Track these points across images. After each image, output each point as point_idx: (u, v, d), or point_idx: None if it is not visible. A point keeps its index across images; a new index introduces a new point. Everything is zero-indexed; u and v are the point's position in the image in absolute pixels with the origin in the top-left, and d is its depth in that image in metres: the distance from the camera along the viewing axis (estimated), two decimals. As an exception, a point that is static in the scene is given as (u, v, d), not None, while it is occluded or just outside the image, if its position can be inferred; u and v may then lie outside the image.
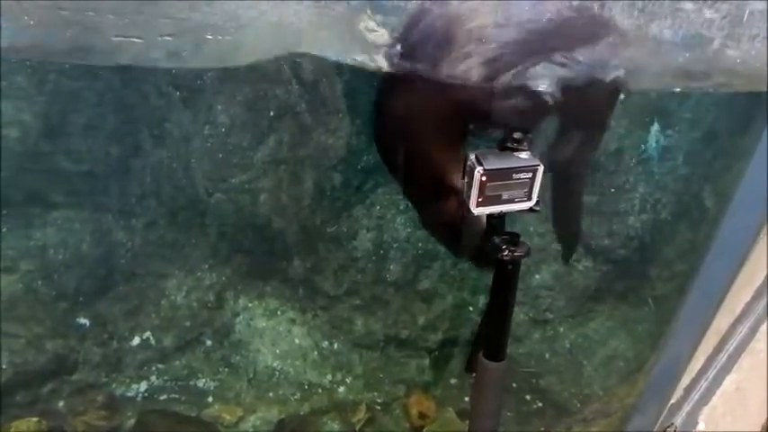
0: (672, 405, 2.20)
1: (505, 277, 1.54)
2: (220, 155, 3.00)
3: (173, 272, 3.27)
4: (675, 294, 3.07)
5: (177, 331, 3.27)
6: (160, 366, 3.27)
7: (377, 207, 3.13)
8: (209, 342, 3.31)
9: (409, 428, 3.17)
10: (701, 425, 2.08)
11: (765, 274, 1.96)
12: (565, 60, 1.36)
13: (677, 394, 2.18)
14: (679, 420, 2.15)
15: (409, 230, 3.14)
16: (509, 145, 1.45)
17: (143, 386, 3.23)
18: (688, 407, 2.14)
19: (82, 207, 3.08)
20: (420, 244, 3.14)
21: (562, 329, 3.37)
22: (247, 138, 2.98)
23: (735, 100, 2.87)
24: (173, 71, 2.81)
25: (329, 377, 3.31)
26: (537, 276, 3.27)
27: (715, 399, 2.07)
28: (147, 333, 3.26)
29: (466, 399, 3.14)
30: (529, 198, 1.46)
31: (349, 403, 3.23)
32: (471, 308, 3.26)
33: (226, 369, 3.31)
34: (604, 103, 1.64)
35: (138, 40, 1.39)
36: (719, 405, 2.06)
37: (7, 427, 2.88)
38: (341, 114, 2.90)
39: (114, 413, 3.09)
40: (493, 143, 1.50)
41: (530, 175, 1.42)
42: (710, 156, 3.03)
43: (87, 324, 3.18)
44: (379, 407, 3.25)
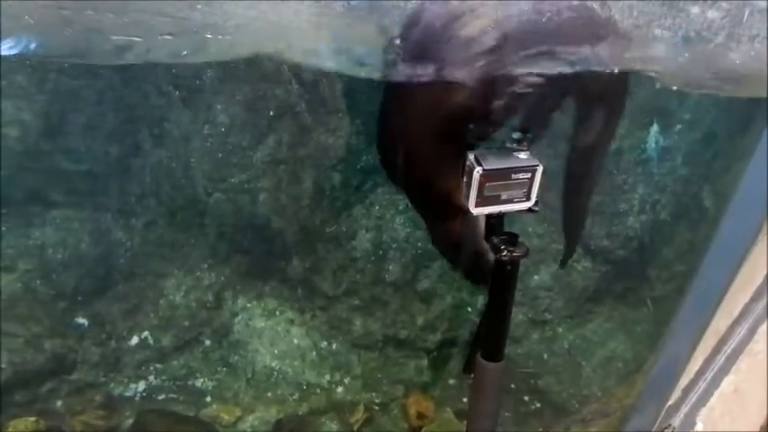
0: (670, 406, 2.20)
1: (504, 278, 1.54)
2: (220, 154, 3.00)
3: (171, 271, 3.27)
4: (674, 295, 3.07)
5: (176, 331, 3.27)
6: (158, 366, 3.26)
7: (376, 207, 3.13)
8: (207, 342, 3.31)
9: (407, 429, 3.16)
10: (699, 426, 2.08)
11: (764, 275, 1.96)
12: (565, 60, 1.36)
13: (675, 395, 2.18)
14: (677, 421, 2.15)
15: (408, 230, 3.14)
16: (508, 145, 1.46)
17: (141, 386, 3.22)
18: (686, 408, 2.13)
19: (81, 206, 3.08)
20: (419, 244, 3.14)
21: (561, 330, 3.37)
22: (247, 137, 2.98)
23: (734, 101, 2.87)
24: (172, 70, 2.81)
25: (327, 377, 3.30)
26: (536, 277, 3.27)
27: (713, 400, 2.07)
28: (146, 333, 3.26)
29: (464, 399, 3.14)
30: (528, 198, 1.46)
31: (347, 403, 3.23)
32: (470, 308, 3.26)
33: (224, 369, 3.31)
34: (614, 98, 1.64)
35: (138, 39, 1.39)
36: (718, 406, 2.06)
37: (5, 427, 2.87)
38: (340, 114, 2.90)
39: (112, 413, 3.09)
40: (492, 143, 1.50)
41: (528, 176, 1.42)
42: (710, 156, 3.04)
43: (86, 323, 3.17)
44: (377, 407, 3.25)
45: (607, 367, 3.31)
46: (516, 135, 1.45)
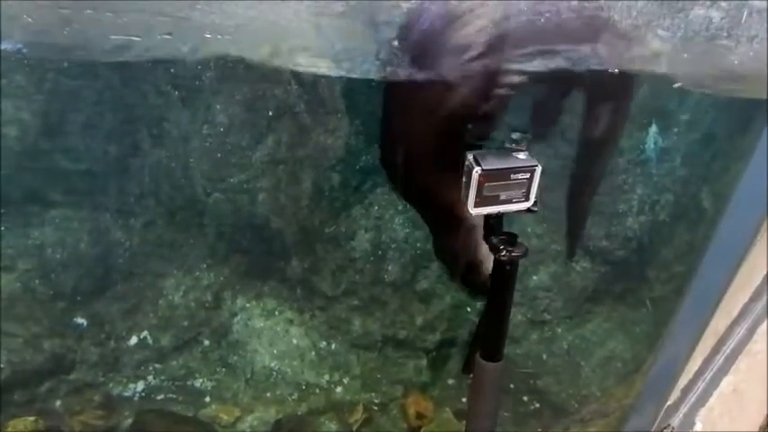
0: (669, 406, 2.20)
1: (503, 278, 1.54)
2: (219, 154, 3.00)
3: (171, 271, 3.27)
4: (673, 295, 3.07)
5: (175, 331, 3.27)
6: (157, 366, 3.26)
7: (375, 207, 3.13)
8: (206, 342, 3.31)
9: (406, 429, 3.16)
10: (699, 426, 2.08)
11: (764, 276, 1.96)
12: (564, 59, 1.36)
13: (674, 395, 2.18)
14: (676, 421, 2.15)
15: (407, 231, 3.14)
16: (507, 145, 1.45)
17: (140, 386, 3.22)
18: (685, 408, 2.14)
19: (80, 206, 3.08)
20: (418, 244, 3.14)
21: (560, 330, 3.37)
22: (246, 137, 2.98)
23: (734, 101, 2.87)
24: (171, 70, 2.81)
25: (327, 377, 3.30)
26: (535, 277, 3.27)
27: (712, 400, 2.07)
28: (145, 333, 3.26)
29: (463, 399, 3.14)
30: (527, 198, 1.46)
31: (346, 403, 3.23)
32: (469, 308, 3.26)
33: (223, 369, 3.30)
34: (621, 98, 1.64)
35: (137, 39, 1.39)
36: (717, 406, 2.06)
37: (4, 427, 2.87)
38: (339, 114, 2.90)
39: (111, 413, 3.09)
40: (492, 143, 1.50)
41: (527, 176, 1.42)
42: (709, 157, 3.04)
43: (85, 323, 3.17)
44: (376, 407, 3.24)
45: (606, 367, 3.31)
46: (515, 135, 1.45)
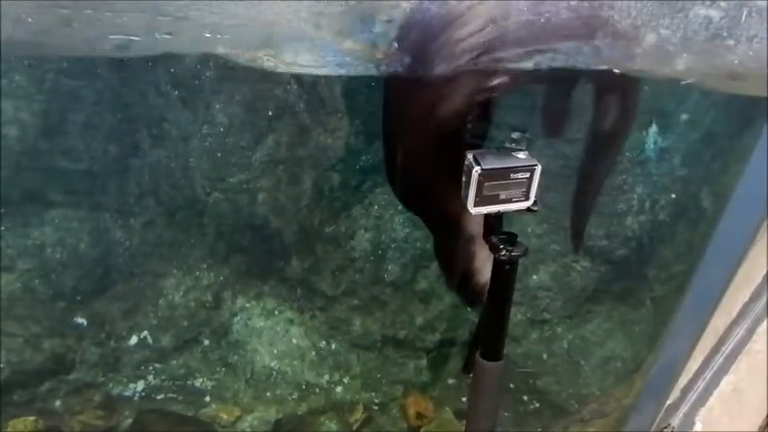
0: (669, 406, 2.20)
1: (503, 277, 1.54)
2: (219, 154, 3.00)
3: (170, 271, 3.27)
4: (673, 295, 3.07)
5: (175, 331, 3.27)
6: (157, 366, 3.26)
7: (375, 207, 3.13)
8: (206, 342, 3.31)
9: (407, 429, 3.17)
10: (698, 425, 2.08)
11: (763, 275, 1.96)
12: (563, 59, 1.36)
13: (674, 395, 2.18)
14: (676, 421, 2.15)
15: (407, 230, 3.14)
16: (507, 145, 1.45)
17: (140, 386, 3.22)
18: (685, 408, 2.14)
19: (80, 206, 3.08)
20: (418, 244, 3.14)
21: (560, 330, 3.36)
22: (246, 137, 2.98)
23: (733, 101, 2.87)
24: (171, 70, 2.81)
25: (327, 377, 3.30)
26: (535, 277, 3.27)
27: (712, 400, 2.07)
28: (145, 333, 3.26)
29: (463, 399, 3.14)
30: (526, 198, 1.46)
31: (346, 403, 3.23)
32: (469, 308, 3.26)
33: (223, 369, 3.30)
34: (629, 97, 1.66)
35: (137, 39, 1.39)
36: (717, 406, 2.07)
37: (4, 427, 2.87)
38: (339, 114, 2.90)
39: (111, 413, 3.09)
40: (491, 143, 1.50)
41: (527, 175, 1.42)
42: (709, 157, 3.03)
43: (85, 323, 3.17)
44: (376, 407, 3.25)
45: (606, 367, 3.31)
46: (515, 135, 1.45)
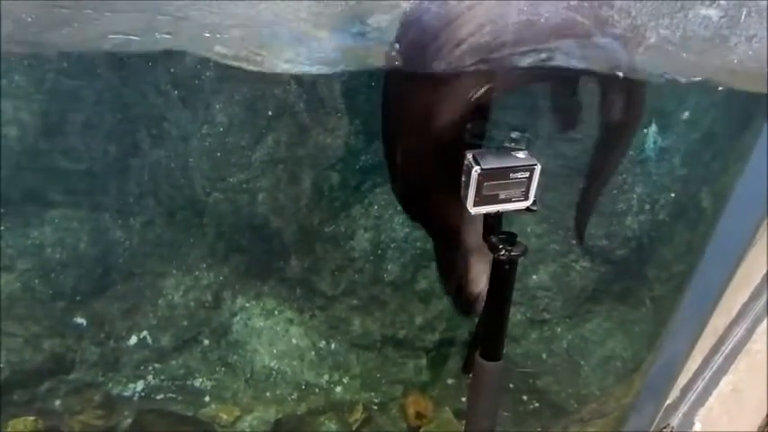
0: (668, 405, 2.20)
1: (502, 277, 1.54)
2: (218, 154, 3.00)
3: (170, 271, 3.27)
4: (673, 295, 3.07)
5: (174, 331, 3.27)
6: (157, 366, 3.26)
7: (375, 207, 3.13)
8: (206, 342, 3.31)
9: (406, 428, 3.17)
10: (698, 425, 2.08)
11: (763, 275, 1.96)
12: (559, 57, 1.36)
13: (674, 395, 2.18)
14: (676, 421, 2.15)
15: (407, 230, 3.14)
16: (506, 144, 1.45)
17: (140, 386, 3.22)
18: (685, 407, 2.14)
19: (80, 206, 3.08)
20: (418, 244, 3.14)
21: (559, 330, 3.36)
22: (245, 137, 2.98)
23: (733, 101, 2.87)
24: (171, 69, 2.81)
25: (326, 377, 3.30)
26: (534, 277, 3.27)
27: (711, 399, 2.07)
28: (145, 332, 3.26)
29: (463, 399, 3.14)
30: (526, 198, 1.46)
31: (346, 403, 3.23)
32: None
33: (223, 369, 3.30)
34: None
35: (136, 38, 1.39)
36: (716, 406, 2.07)
37: (4, 427, 2.87)
38: (339, 114, 2.90)
39: (111, 413, 3.09)
40: (491, 143, 1.50)
41: (527, 175, 1.42)
42: (708, 156, 3.03)
43: (84, 323, 3.17)
44: (376, 407, 3.24)
45: (606, 367, 3.31)
46: (514, 134, 1.45)
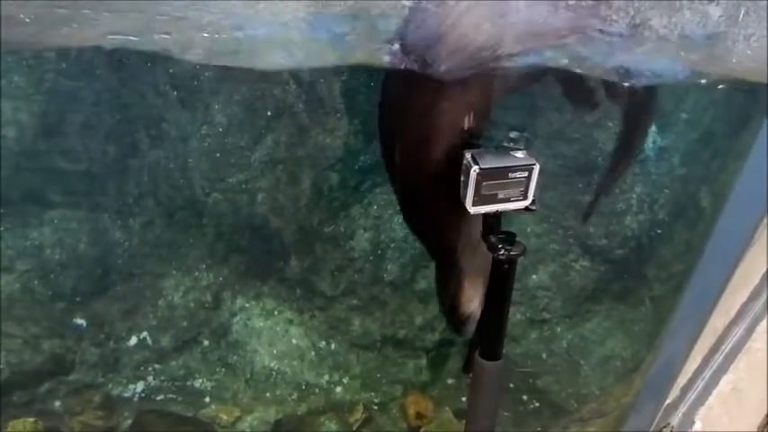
0: (668, 405, 2.19)
1: (502, 276, 1.54)
2: (218, 155, 3.00)
3: (170, 272, 3.27)
4: (672, 294, 3.07)
5: (174, 331, 3.27)
6: (157, 366, 3.26)
7: (374, 207, 3.13)
8: (206, 342, 3.31)
9: (406, 428, 3.16)
10: (698, 425, 2.08)
11: (762, 274, 1.96)
12: (560, 57, 1.36)
13: (674, 394, 2.18)
14: (675, 420, 2.15)
15: (406, 230, 3.14)
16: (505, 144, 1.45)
17: (140, 386, 3.22)
18: (684, 407, 2.13)
19: (79, 207, 3.07)
20: (417, 244, 3.13)
21: (559, 329, 3.36)
22: (245, 137, 2.97)
23: (732, 101, 2.87)
24: (170, 70, 2.81)
25: (326, 377, 3.30)
26: (534, 277, 3.27)
27: (711, 399, 2.06)
28: (145, 333, 3.25)
29: (463, 399, 3.14)
30: (525, 197, 1.45)
31: (346, 403, 3.23)
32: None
33: (223, 369, 3.30)
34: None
35: (134, 38, 1.39)
36: (716, 405, 2.06)
37: (4, 428, 2.87)
38: (338, 114, 2.90)
39: (111, 413, 3.09)
40: (490, 142, 1.50)
41: (525, 174, 1.41)
42: (707, 156, 3.04)
43: (84, 324, 3.17)
44: (376, 407, 3.24)
45: (605, 366, 3.31)
46: (513, 134, 1.45)
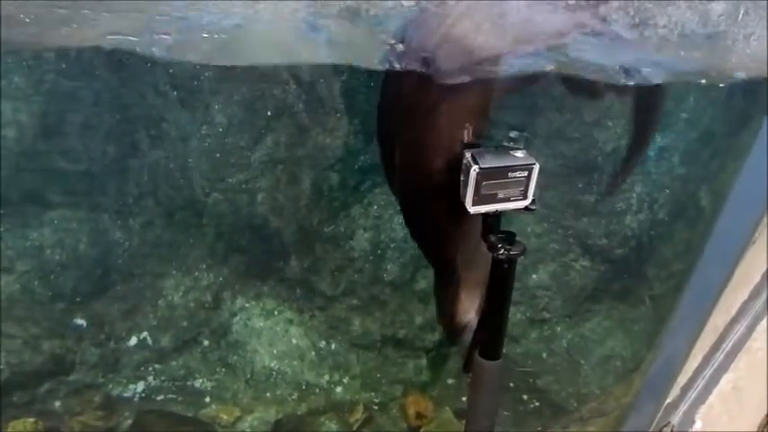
0: (668, 404, 2.19)
1: (501, 276, 1.54)
2: (218, 155, 3.00)
3: (170, 272, 3.27)
4: (672, 293, 3.07)
5: (174, 331, 3.27)
6: (157, 367, 3.26)
7: (374, 207, 3.13)
8: (206, 342, 3.31)
9: (406, 428, 3.16)
10: (698, 424, 2.08)
11: (763, 272, 1.95)
12: (559, 57, 1.36)
13: (674, 393, 2.18)
14: (676, 419, 2.14)
15: (406, 230, 3.13)
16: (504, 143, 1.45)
17: (140, 386, 3.22)
18: (685, 406, 2.13)
19: (79, 207, 3.08)
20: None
21: (559, 329, 3.37)
22: (245, 138, 2.97)
23: (732, 100, 2.87)
24: (170, 70, 2.81)
25: (326, 377, 3.30)
26: (534, 276, 3.27)
27: (712, 398, 2.06)
28: (145, 333, 3.25)
29: (463, 398, 3.14)
30: (524, 197, 1.45)
31: (346, 403, 3.23)
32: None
33: (223, 369, 3.30)
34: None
35: (134, 38, 1.39)
36: (716, 404, 2.06)
37: (4, 428, 2.87)
38: (338, 114, 2.90)
39: (111, 413, 3.09)
40: (490, 142, 1.50)
41: (525, 174, 1.41)
42: (707, 155, 3.04)
43: (84, 324, 3.17)
44: (376, 407, 3.24)
45: (605, 366, 3.31)
46: (513, 134, 1.45)
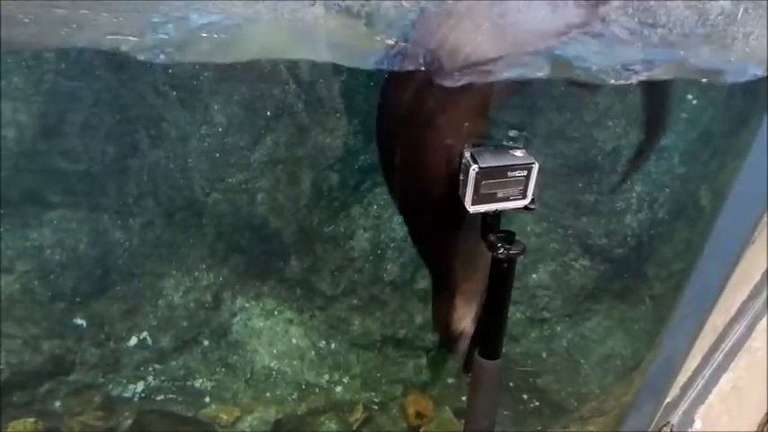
0: (668, 403, 2.20)
1: (501, 276, 1.54)
2: (217, 155, 3.00)
3: (170, 272, 3.27)
4: (672, 293, 3.07)
5: (174, 331, 3.27)
6: (157, 367, 3.26)
7: (374, 207, 3.13)
8: (206, 342, 3.31)
9: (406, 428, 3.17)
10: (698, 423, 2.08)
11: (762, 272, 1.96)
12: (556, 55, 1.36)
13: (674, 393, 2.18)
14: (676, 419, 2.15)
15: (406, 230, 3.13)
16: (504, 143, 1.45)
17: (140, 386, 3.22)
18: (684, 405, 2.14)
19: (79, 207, 3.07)
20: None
21: (559, 328, 3.37)
22: (244, 137, 2.97)
23: (731, 100, 2.87)
24: (169, 70, 2.81)
25: (326, 377, 3.30)
26: (534, 276, 3.27)
27: (711, 397, 2.07)
28: (145, 333, 3.25)
29: (463, 398, 3.14)
30: (524, 196, 1.46)
31: (346, 403, 3.23)
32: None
33: (223, 369, 3.30)
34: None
35: (133, 39, 1.39)
36: (716, 404, 2.06)
37: (4, 428, 2.87)
38: (338, 114, 2.90)
39: (111, 413, 3.09)
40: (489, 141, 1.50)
41: (525, 173, 1.41)
42: (707, 155, 3.04)
43: (84, 324, 3.17)
44: (376, 406, 3.25)
45: (605, 365, 3.31)
46: (512, 133, 1.45)
